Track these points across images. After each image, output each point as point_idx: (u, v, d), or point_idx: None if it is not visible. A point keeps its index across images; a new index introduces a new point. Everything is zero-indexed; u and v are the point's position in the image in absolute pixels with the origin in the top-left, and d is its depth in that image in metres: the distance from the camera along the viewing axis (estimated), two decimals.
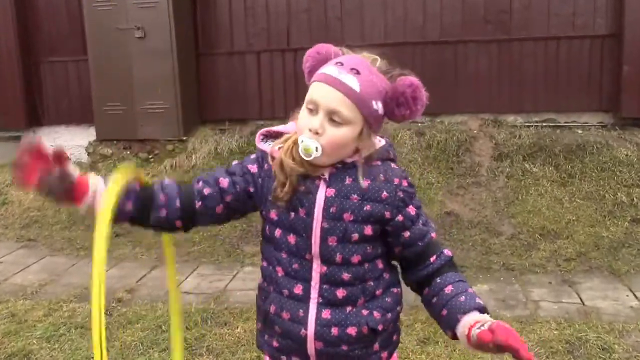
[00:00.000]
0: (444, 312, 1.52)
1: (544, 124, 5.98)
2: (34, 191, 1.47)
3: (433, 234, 1.61)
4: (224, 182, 1.58)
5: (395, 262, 1.67)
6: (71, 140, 6.74)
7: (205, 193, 1.58)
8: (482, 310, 1.49)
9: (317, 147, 1.45)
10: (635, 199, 4.96)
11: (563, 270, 4.32)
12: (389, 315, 1.61)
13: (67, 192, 1.47)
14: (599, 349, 3.27)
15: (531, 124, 5.98)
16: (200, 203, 1.57)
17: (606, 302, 3.80)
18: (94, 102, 6.29)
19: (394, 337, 1.68)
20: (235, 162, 1.65)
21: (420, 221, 1.60)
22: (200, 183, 1.60)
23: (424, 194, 5.25)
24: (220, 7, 6.46)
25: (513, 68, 6.02)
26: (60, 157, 1.46)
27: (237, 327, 3.62)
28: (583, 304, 3.80)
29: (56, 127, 6.90)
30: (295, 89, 6.11)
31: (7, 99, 6.85)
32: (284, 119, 1.67)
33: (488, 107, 6.08)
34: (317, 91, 1.48)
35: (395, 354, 1.72)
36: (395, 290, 1.64)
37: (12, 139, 8.78)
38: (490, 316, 1.46)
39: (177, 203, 1.56)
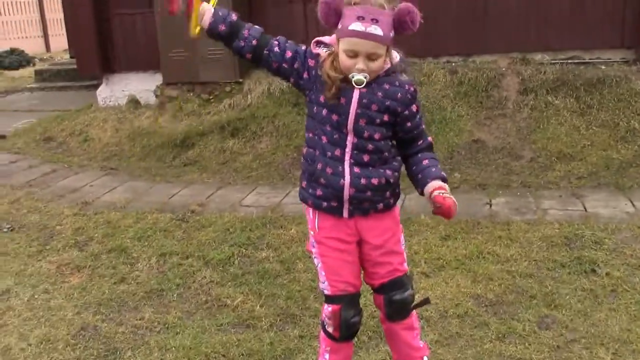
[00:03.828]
0: (420, 175, 2.33)
1: (570, 61, 6.47)
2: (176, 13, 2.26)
3: (423, 126, 2.39)
4: (289, 53, 2.29)
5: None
6: (140, 85, 7.57)
7: (274, 50, 2.29)
8: (444, 179, 2.29)
9: (365, 77, 2.16)
10: None
11: (574, 186, 4.93)
12: (397, 173, 2.36)
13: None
14: (592, 242, 3.92)
15: (557, 61, 6.47)
16: (266, 53, 2.29)
17: (606, 210, 4.41)
18: (161, 50, 7.06)
19: (397, 190, 2.42)
20: (303, 47, 2.32)
21: (418, 116, 2.35)
22: (276, 41, 2.30)
23: (454, 125, 5.89)
24: None
25: (540, 7, 6.48)
26: None
27: (291, 229, 4.39)
28: (585, 210, 4.43)
29: (127, 74, 7.74)
30: None
31: (83, 49, 7.74)
32: None
33: (517, 47, 6.59)
34: (354, 44, 2.14)
35: (397, 205, 2.46)
36: (399, 158, 2.39)
37: (85, 87, 9.73)
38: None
39: (254, 42, 2.28)
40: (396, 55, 2.29)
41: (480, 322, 3.20)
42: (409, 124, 2.31)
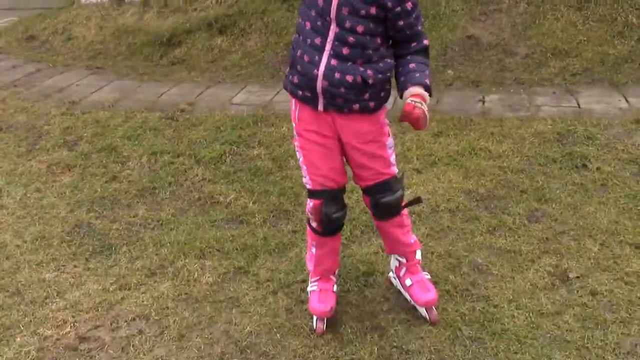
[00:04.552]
0: (402, 78, 2.23)
1: None
2: None
3: (419, 27, 2.24)
4: None
5: None
6: None
7: None
8: (427, 87, 2.18)
9: None
10: None
11: (568, 83, 4.86)
12: (380, 76, 2.23)
13: None
14: (584, 137, 3.91)
15: None
16: None
17: (600, 105, 4.38)
18: None
19: (382, 94, 2.30)
20: None
21: (414, 15, 2.21)
22: None
23: (448, 21, 5.73)
24: None
25: None
26: None
27: (282, 127, 4.35)
28: (579, 106, 4.39)
29: None
30: None
31: None
32: None
33: None
34: None
35: (383, 110, 2.36)
36: (388, 60, 2.25)
37: None
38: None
39: None
40: None
41: (471, 216, 3.24)
42: (400, 23, 2.18)
